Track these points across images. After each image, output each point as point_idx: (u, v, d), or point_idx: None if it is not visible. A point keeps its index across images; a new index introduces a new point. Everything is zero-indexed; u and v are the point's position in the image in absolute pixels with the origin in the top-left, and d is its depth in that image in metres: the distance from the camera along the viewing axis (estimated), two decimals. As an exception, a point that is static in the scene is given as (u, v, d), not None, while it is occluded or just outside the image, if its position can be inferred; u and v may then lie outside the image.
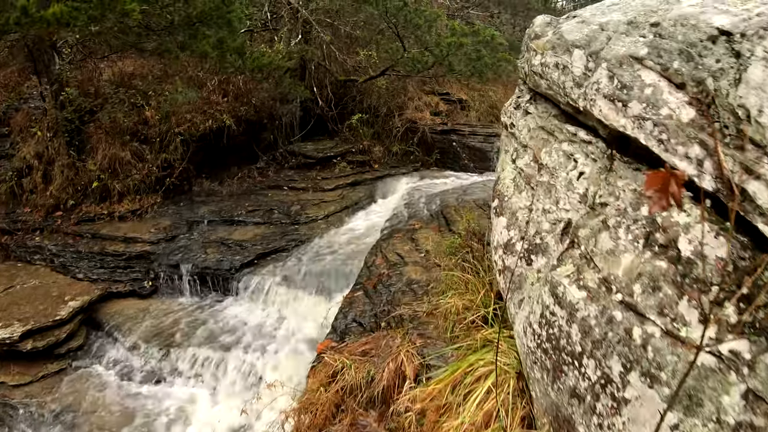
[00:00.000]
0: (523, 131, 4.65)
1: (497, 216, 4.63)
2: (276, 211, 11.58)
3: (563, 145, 3.98)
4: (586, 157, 3.73)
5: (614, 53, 3.38)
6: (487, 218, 9.41)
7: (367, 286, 7.54)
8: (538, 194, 4.15)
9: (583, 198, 3.68)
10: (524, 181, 4.40)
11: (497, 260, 4.55)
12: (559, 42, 3.93)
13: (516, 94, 5.27)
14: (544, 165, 4.13)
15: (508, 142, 5.10)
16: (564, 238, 3.79)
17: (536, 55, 4.22)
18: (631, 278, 3.05)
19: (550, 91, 4.05)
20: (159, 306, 9.74)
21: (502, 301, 5.39)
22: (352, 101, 15.65)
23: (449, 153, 15.35)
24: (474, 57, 12.14)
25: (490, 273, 6.10)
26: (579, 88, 3.65)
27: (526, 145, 4.56)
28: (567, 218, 3.80)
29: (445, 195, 11.33)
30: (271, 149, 14.56)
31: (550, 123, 4.19)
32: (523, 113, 4.78)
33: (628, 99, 3.16)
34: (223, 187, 12.94)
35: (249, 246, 10.20)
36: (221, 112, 13.01)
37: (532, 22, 4.67)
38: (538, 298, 3.79)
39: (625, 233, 3.18)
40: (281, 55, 13.45)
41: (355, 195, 12.66)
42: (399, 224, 10.00)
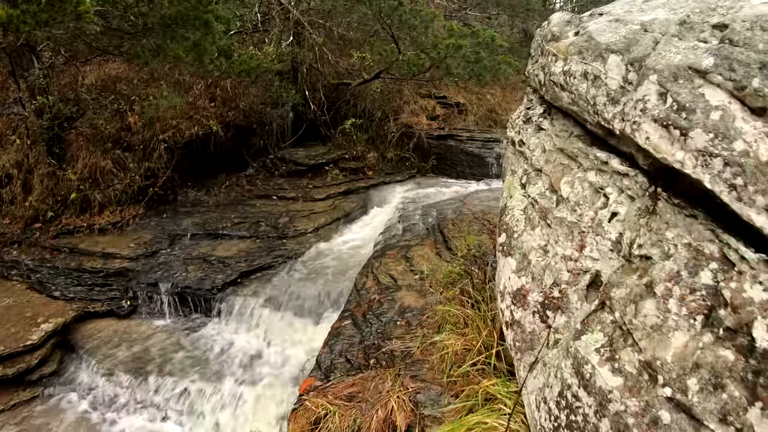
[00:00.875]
0: (536, 151, 3.81)
1: (504, 255, 3.76)
2: (263, 223, 10.72)
3: (589, 175, 3.13)
4: (620, 193, 2.89)
5: (666, 62, 2.52)
6: (488, 234, 8.60)
7: (356, 313, 6.69)
8: (556, 234, 3.30)
9: (615, 245, 2.85)
10: (538, 214, 3.55)
11: (504, 309, 3.68)
12: (588, 45, 3.05)
13: (525, 104, 4.46)
14: (565, 198, 3.28)
15: (516, 161, 4.27)
16: (590, 294, 2.96)
17: (556, 61, 3.34)
18: (685, 368, 2.24)
19: (574, 106, 3.18)
20: (137, 328, 8.89)
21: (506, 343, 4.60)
22: (345, 105, 14.79)
23: (446, 159, 14.54)
24: (472, 59, 11.30)
25: (492, 303, 5.27)
26: (615, 105, 2.79)
27: (539, 169, 3.72)
28: (594, 269, 2.96)
29: (442, 206, 10.49)
30: (260, 156, 13.69)
31: (572, 145, 3.33)
32: (536, 129, 3.95)
33: (688, 126, 2.31)
34: (210, 197, 12.06)
35: (232, 263, 9.34)
36: (208, 118, 12.15)
37: (548, 20, 3.83)
38: (556, 371, 2.94)
39: (678, 305, 2.34)
40: (271, 57, 12.62)
41: (347, 205, 11.80)
42: (392, 239, 9.16)
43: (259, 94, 13.26)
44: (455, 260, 7.20)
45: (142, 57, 8.46)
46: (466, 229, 8.77)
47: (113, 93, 11.79)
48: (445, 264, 7.64)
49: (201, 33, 8.43)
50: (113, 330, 8.84)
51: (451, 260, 7.76)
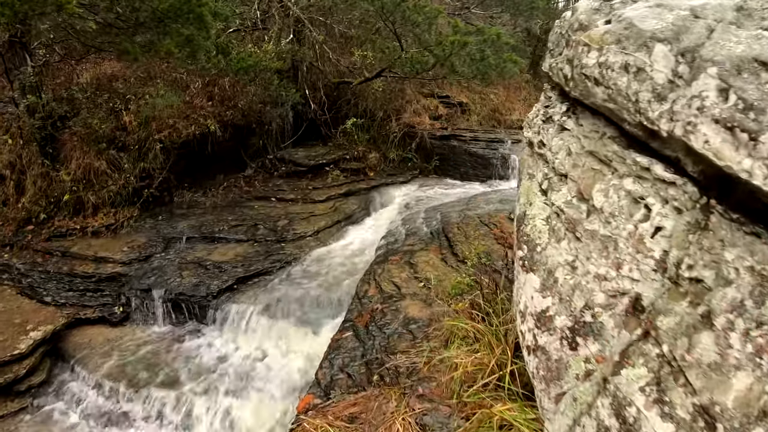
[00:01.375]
0: (559, 154, 3.40)
1: (526, 271, 3.35)
2: (261, 226, 10.29)
3: (626, 182, 2.72)
4: (664, 204, 2.48)
5: (727, 53, 2.10)
6: (494, 239, 8.20)
7: (358, 324, 6.28)
8: (587, 249, 2.89)
9: (659, 265, 2.44)
10: (564, 225, 3.14)
11: (525, 332, 3.27)
12: (629, 33, 2.62)
13: (542, 102, 4.06)
14: (597, 208, 2.87)
15: (535, 165, 3.87)
16: (630, 321, 2.56)
17: (589, 51, 2.90)
18: (749, 416, 1.86)
19: (611, 103, 2.75)
20: (130, 336, 8.49)
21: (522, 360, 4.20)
22: (346, 104, 14.40)
23: (449, 160, 14.17)
24: (478, 57, 10.87)
25: (504, 314, 4.87)
26: (661, 102, 2.37)
27: (564, 175, 3.31)
28: (634, 292, 2.56)
29: (446, 208, 10.09)
30: (259, 156, 13.27)
31: (605, 148, 2.92)
32: (558, 129, 3.54)
33: (758, 129, 1.89)
34: (207, 198, 11.64)
35: (229, 268, 8.92)
36: (206, 117, 11.75)
37: (573, 8, 3.41)
38: (589, 410, 2.54)
39: (741, 341, 1.95)
40: (270, 55, 12.20)
41: (348, 207, 11.38)
42: (395, 244, 8.75)
43: (258, 92, 12.84)
44: (463, 269, 6.81)
45: (132, 52, 8.01)
46: (473, 233, 8.38)
47: (109, 91, 11.38)
48: (451, 271, 7.25)
49: (194, 28, 8.00)
50: (105, 338, 8.44)
51: (457, 267, 7.37)
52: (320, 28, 13.89)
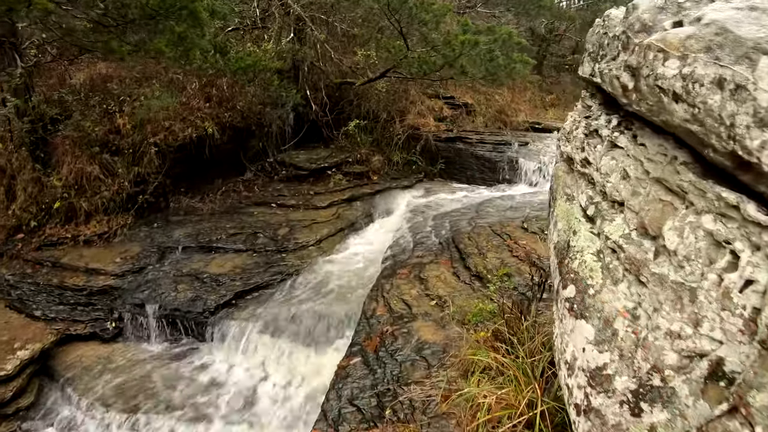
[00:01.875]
0: (612, 177, 2.93)
1: (575, 316, 2.85)
2: (261, 234, 9.79)
3: (706, 221, 2.23)
4: (754, 251, 2.00)
5: None
6: (509, 252, 7.72)
7: (367, 348, 5.79)
8: (655, 297, 2.40)
9: (748, 326, 1.97)
10: (624, 265, 2.64)
11: (573, 387, 2.78)
12: (722, 41, 2.10)
13: (580, 111, 3.64)
14: (668, 249, 2.38)
15: (575, 185, 3.40)
16: (710, 389, 2.09)
17: (665, 59, 2.37)
18: None
19: (693, 125, 2.22)
20: (123, 354, 7.98)
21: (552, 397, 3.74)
22: (348, 106, 13.89)
23: (455, 163, 13.72)
24: (487, 58, 10.37)
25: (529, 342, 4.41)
26: (764, 129, 1.88)
27: (619, 202, 2.84)
28: (716, 355, 2.08)
29: (454, 216, 9.62)
30: (259, 159, 12.76)
31: (678, 177, 2.41)
32: (608, 147, 3.08)
33: None
34: (204, 204, 11.13)
35: (227, 281, 8.43)
36: (203, 119, 11.25)
37: (628, 6, 2.91)
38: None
39: None
40: (270, 54, 11.70)
41: (351, 213, 10.90)
42: (403, 255, 8.27)
43: (258, 93, 12.34)
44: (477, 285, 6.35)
45: (118, 52, 7.44)
46: (485, 244, 7.91)
47: (102, 93, 10.87)
48: (464, 287, 6.78)
49: (187, 25, 7.45)
50: (96, 356, 7.93)
51: (471, 282, 6.91)
52: (322, 26, 13.44)
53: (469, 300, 6.35)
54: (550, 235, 3.64)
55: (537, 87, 19.61)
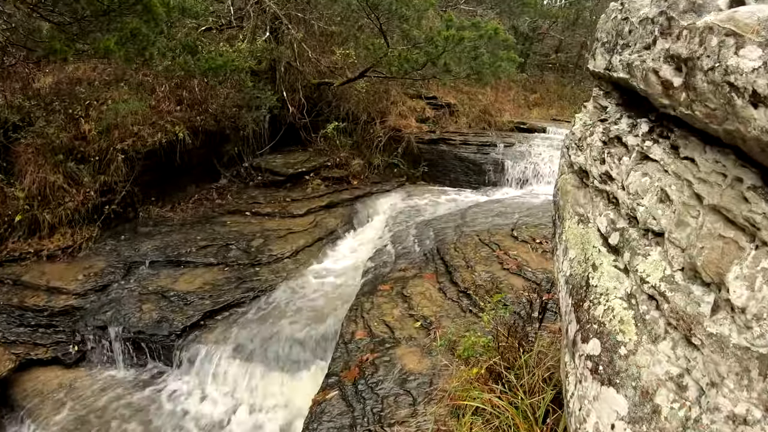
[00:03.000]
0: (646, 199, 2.29)
1: (600, 381, 2.18)
2: (234, 246, 9.07)
3: (791, 268, 1.60)
4: None
5: None
6: (499, 264, 7.10)
7: (345, 380, 5.13)
8: (712, 367, 1.75)
9: None
10: (665, 318, 2.00)
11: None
12: None
13: (590, 112, 3.13)
14: (733, 304, 1.74)
15: (589, 203, 2.82)
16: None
17: (738, 47, 1.71)
18: None
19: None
20: (87, 380, 7.23)
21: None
22: (327, 107, 13.27)
23: (439, 165, 13.18)
24: (472, 55, 9.75)
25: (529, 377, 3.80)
26: None
27: (656, 232, 2.20)
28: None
29: (439, 224, 9.00)
30: (234, 164, 12.07)
31: (748, 206, 1.74)
32: (637, 159, 2.46)
33: None
34: (175, 214, 10.42)
35: (195, 300, 7.70)
36: (174, 123, 10.56)
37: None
38: None
39: None
40: (244, 54, 11.03)
41: (330, 221, 10.22)
42: (384, 268, 7.64)
43: (232, 95, 11.69)
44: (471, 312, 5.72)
45: (60, 52, 6.70)
46: (473, 255, 7.29)
47: (69, 97, 10.17)
48: (451, 306, 6.16)
49: (141, 20, 6.71)
50: (59, 383, 7.19)
51: (459, 299, 6.28)
52: (299, 25, 12.80)
53: (457, 322, 5.73)
54: (557, 263, 3.02)
55: (521, 86, 19.15)
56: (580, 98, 20.56)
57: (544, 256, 7.17)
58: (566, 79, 22.35)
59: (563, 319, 2.80)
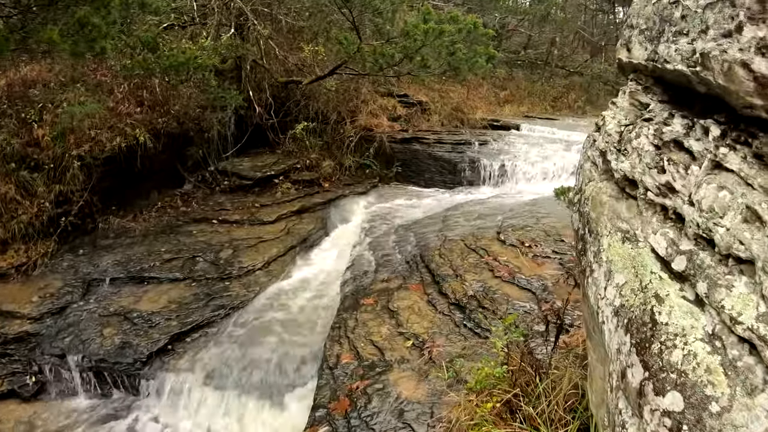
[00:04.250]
0: (727, 219, 1.86)
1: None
2: (201, 258, 8.48)
3: None
4: None
5: None
6: (490, 271, 6.66)
7: (335, 413, 4.64)
8: None
9: None
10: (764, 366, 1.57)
11: None
12: None
13: (626, 110, 2.80)
14: None
15: (636, 217, 2.49)
16: None
17: None
18: None
19: None
20: (47, 414, 6.61)
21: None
22: (295, 107, 12.74)
23: (412, 165, 12.77)
24: (450, 50, 9.29)
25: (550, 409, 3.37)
26: None
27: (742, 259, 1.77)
28: None
29: (419, 228, 8.56)
30: (199, 168, 11.47)
31: None
32: (708, 168, 2.02)
33: None
34: (137, 223, 9.76)
35: (161, 322, 7.09)
36: (134, 126, 9.94)
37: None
38: None
39: None
40: (208, 52, 10.45)
41: (302, 227, 9.67)
42: (365, 278, 7.16)
43: (195, 95, 11.11)
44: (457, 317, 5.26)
45: (0, 49, 6.03)
46: (460, 262, 6.85)
47: (22, 100, 9.53)
48: (444, 320, 5.71)
49: (90, 8, 6.03)
50: (17, 417, 6.54)
51: (451, 313, 5.84)
52: (266, 21, 12.25)
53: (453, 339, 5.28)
54: (594, 287, 2.58)
55: (491, 83, 18.84)
56: (550, 95, 20.34)
57: (536, 261, 6.75)
58: (536, 75, 22.06)
59: (614, 358, 2.36)
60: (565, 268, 6.49)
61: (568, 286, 6.05)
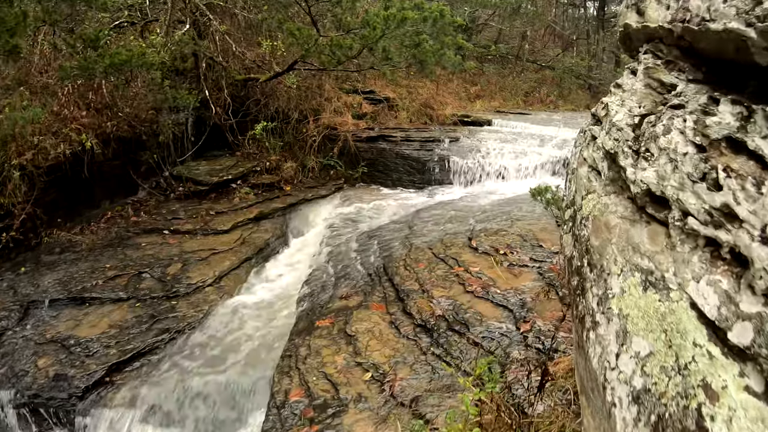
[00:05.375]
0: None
1: None
2: (147, 274, 7.55)
3: None
4: None
5: None
6: (461, 286, 5.85)
7: (279, 466, 3.83)
8: None
9: None
10: None
11: None
12: None
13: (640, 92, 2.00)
14: None
15: (667, 255, 1.71)
16: None
17: None
18: None
19: None
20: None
21: None
22: (255, 106, 11.88)
23: (378, 165, 12.02)
24: (415, 41, 8.48)
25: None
26: None
27: None
28: None
29: (384, 234, 7.77)
30: (153, 174, 10.54)
31: None
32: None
33: None
34: (85, 236, 8.78)
35: (99, 349, 6.13)
36: (80, 131, 9.02)
37: None
38: None
39: None
40: (158, 49, 9.59)
41: (259, 236, 8.77)
42: (323, 294, 6.33)
43: (147, 96, 10.21)
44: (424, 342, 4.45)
45: None
46: (427, 275, 6.05)
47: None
48: (408, 347, 4.91)
49: None
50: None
51: (416, 338, 5.03)
52: (223, 16, 11.43)
53: (418, 370, 4.47)
54: (595, 347, 1.81)
55: (461, 78, 18.19)
56: (522, 89, 19.78)
57: (512, 272, 5.96)
58: (507, 70, 21.51)
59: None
60: (544, 278, 5.71)
61: (548, 301, 5.29)
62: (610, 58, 24.30)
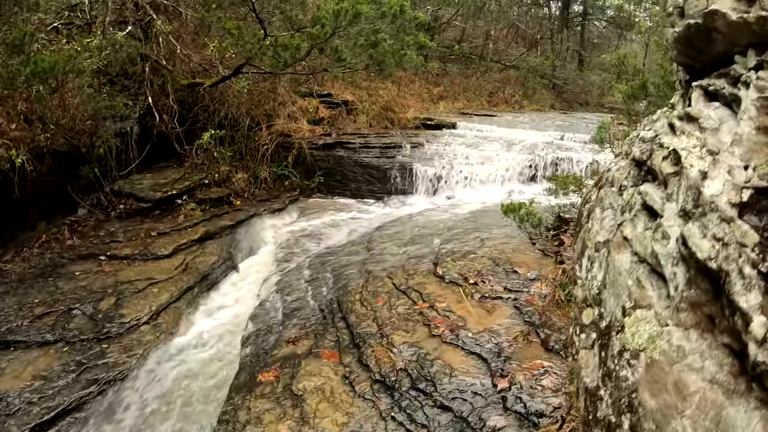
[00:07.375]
0: None
1: None
2: (78, 311, 6.46)
3: None
4: None
5: None
6: (425, 327, 4.97)
7: None
8: None
9: None
10: None
11: None
12: None
13: None
14: None
15: None
16: None
17: None
18: None
19: None
20: None
21: None
22: (203, 112, 10.92)
23: (336, 174, 11.31)
24: (372, 40, 7.62)
25: None
26: None
27: None
28: None
29: (339, 258, 6.93)
30: (93, 190, 9.46)
31: None
32: None
33: None
34: (16, 264, 7.62)
35: (21, 407, 5.06)
36: (8, 146, 8.00)
37: None
38: None
39: None
40: (92, 52, 8.65)
41: (204, 260, 7.79)
42: (269, 337, 5.43)
43: (86, 105, 9.19)
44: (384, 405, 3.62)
45: None
46: (387, 313, 5.21)
47: None
48: (366, 412, 4.02)
49: None
50: None
51: (375, 398, 4.16)
52: (170, 15, 10.59)
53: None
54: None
55: (424, 79, 17.51)
56: (486, 89, 19.37)
57: (484, 306, 5.11)
58: (471, 70, 21.00)
59: None
60: (522, 314, 4.87)
61: (528, 345, 4.46)
62: (573, 57, 23.96)
